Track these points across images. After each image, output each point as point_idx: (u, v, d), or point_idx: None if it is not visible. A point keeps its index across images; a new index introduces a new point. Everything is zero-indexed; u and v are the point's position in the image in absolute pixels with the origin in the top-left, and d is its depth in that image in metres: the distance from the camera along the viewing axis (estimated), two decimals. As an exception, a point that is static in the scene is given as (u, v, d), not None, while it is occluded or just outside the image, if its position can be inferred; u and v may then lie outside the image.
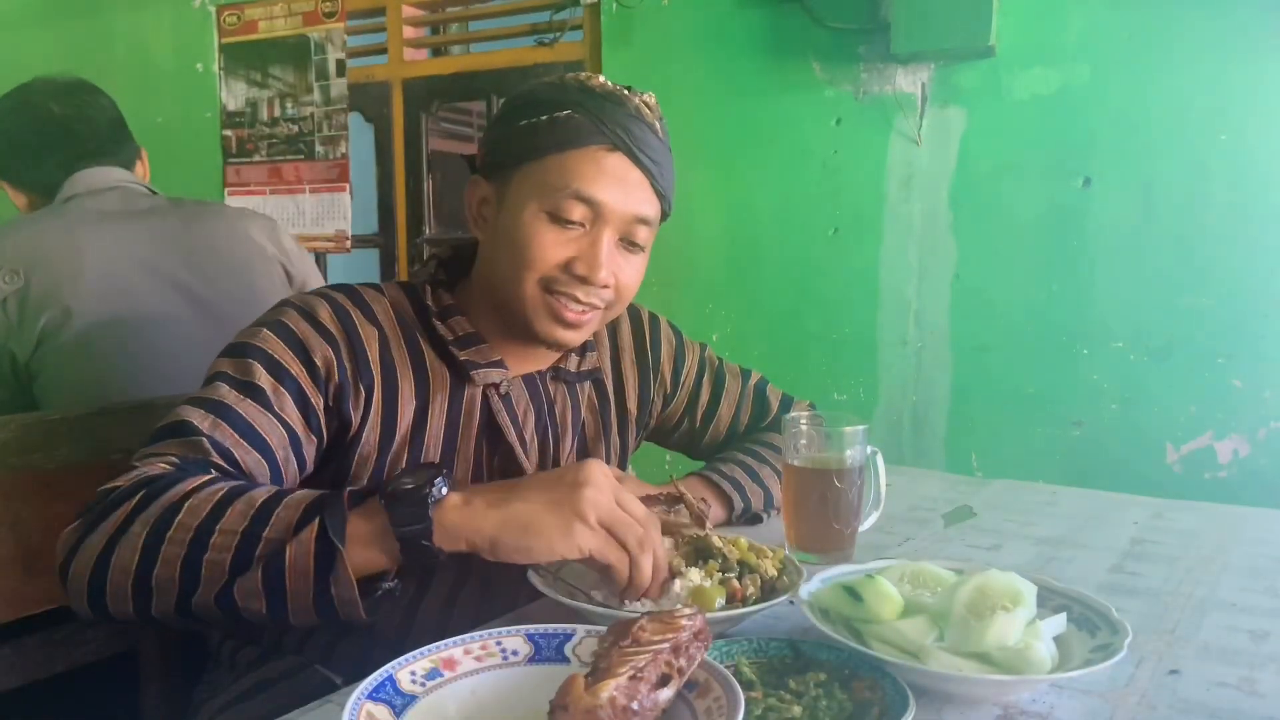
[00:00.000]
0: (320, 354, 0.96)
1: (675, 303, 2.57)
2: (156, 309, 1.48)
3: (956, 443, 2.34)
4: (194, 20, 3.48)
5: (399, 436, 1.01)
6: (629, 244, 1.02)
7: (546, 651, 0.72)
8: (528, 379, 1.10)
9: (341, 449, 0.99)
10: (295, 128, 3.31)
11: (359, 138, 3.29)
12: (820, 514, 1.06)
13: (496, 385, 1.06)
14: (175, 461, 0.87)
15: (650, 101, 1.03)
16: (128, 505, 0.81)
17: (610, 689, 0.58)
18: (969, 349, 2.31)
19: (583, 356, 1.15)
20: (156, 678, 1.26)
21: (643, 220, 1.01)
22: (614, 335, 1.21)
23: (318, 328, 0.98)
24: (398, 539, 0.78)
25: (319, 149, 3.27)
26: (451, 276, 1.10)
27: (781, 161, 2.49)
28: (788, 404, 1.33)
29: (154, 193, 1.63)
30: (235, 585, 0.78)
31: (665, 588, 0.86)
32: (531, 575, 0.88)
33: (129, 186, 1.59)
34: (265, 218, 1.71)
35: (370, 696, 0.63)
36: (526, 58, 2.95)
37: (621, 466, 1.22)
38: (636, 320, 1.24)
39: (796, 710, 0.68)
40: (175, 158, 3.15)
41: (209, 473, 0.86)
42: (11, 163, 1.63)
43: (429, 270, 1.09)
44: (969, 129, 2.27)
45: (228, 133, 3.46)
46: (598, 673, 0.60)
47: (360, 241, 3.31)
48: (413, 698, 0.65)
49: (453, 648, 0.70)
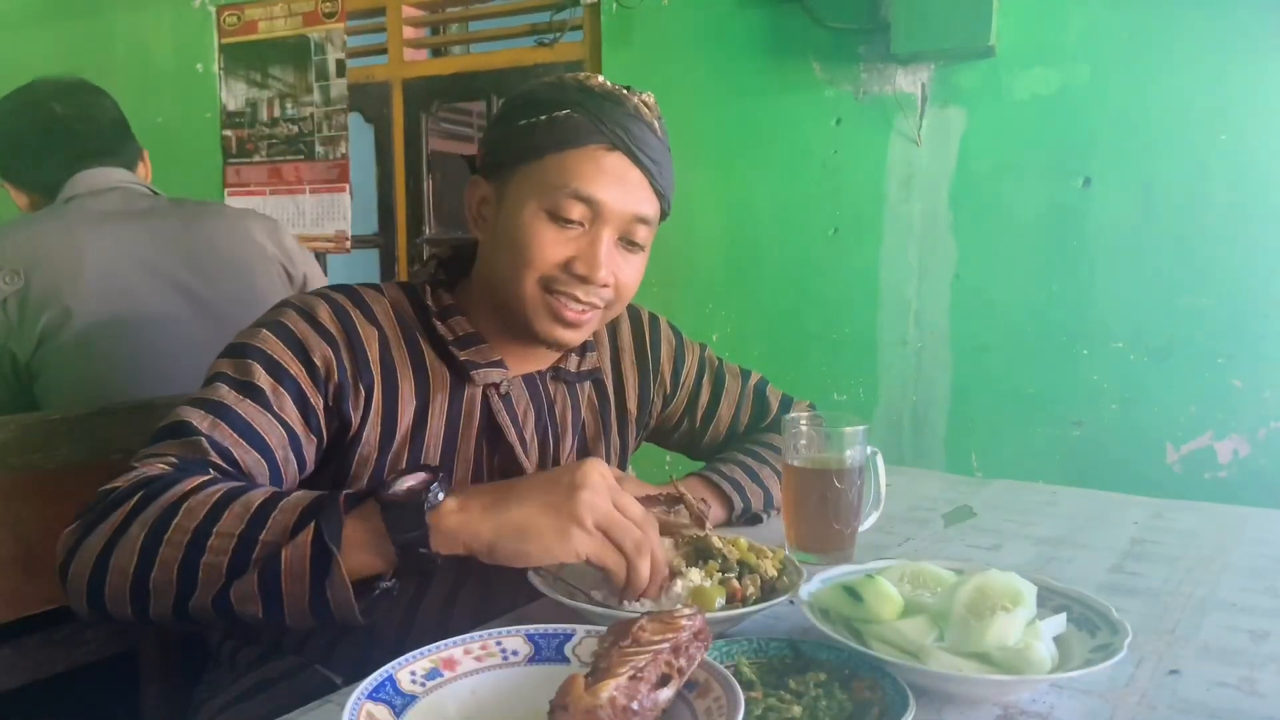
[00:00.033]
0: (319, 354, 0.96)
1: (675, 303, 2.57)
2: (157, 309, 1.48)
3: (956, 443, 2.34)
4: (194, 20, 3.48)
5: (399, 436, 1.01)
6: (628, 243, 1.02)
7: (546, 651, 0.72)
8: (528, 379, 1.10)
9: (341, 449, 0.99)
10: (295, 128, 3.31)
11: (359, 138, 3.29)
12: (820, 514, 1.06)
13: (496, 385, 1.06)
14: (174, 462, 0.87)
15: (649, 101, 1.03)
16: (126, 506, 0.81)
17: (610, 689, 0.58)
18: (969, 349, 2.31)
19: (583, 356, 1.15)
20: (156, 678, 1.26)
21: (642, 219, 1.01)
22: (614, 335, 1.21)
23: (317, 328, 0.98)
24: (394, 545, 0.78)
25: (319, 149, 3.27)
26: (451, 276, 1.10)
27: (781, 161, 2.49)
28: (788, 404, 1.33)
29: (155, 193, 1.63)
30: (232, 589, 0.78)
31: (666, 588, 0.86)
32: (531, 575, 0.88)
33: (130, 187, 1.59)
34: (267, 218, 1.71)
35: (370, 696, 0.63)
36: (526, 58, 2.95)
37: (621, 466, 1.22)
38: (636, 320, 1.24)
39: (796, 710, 0.68)
40: (175, 158, 3.14)
41: (208, 473, 0.86)
42: (14, 162, 1.63)
43: (429, 270, 1.09)
44: (969, 129, 2.27)
45: (228, 133, 3.46)
46: (598, 673, 0.60)
47: (360, 242, 3.31)
48: (413, 698, 0.65)
49: (453, 648, 0.70)
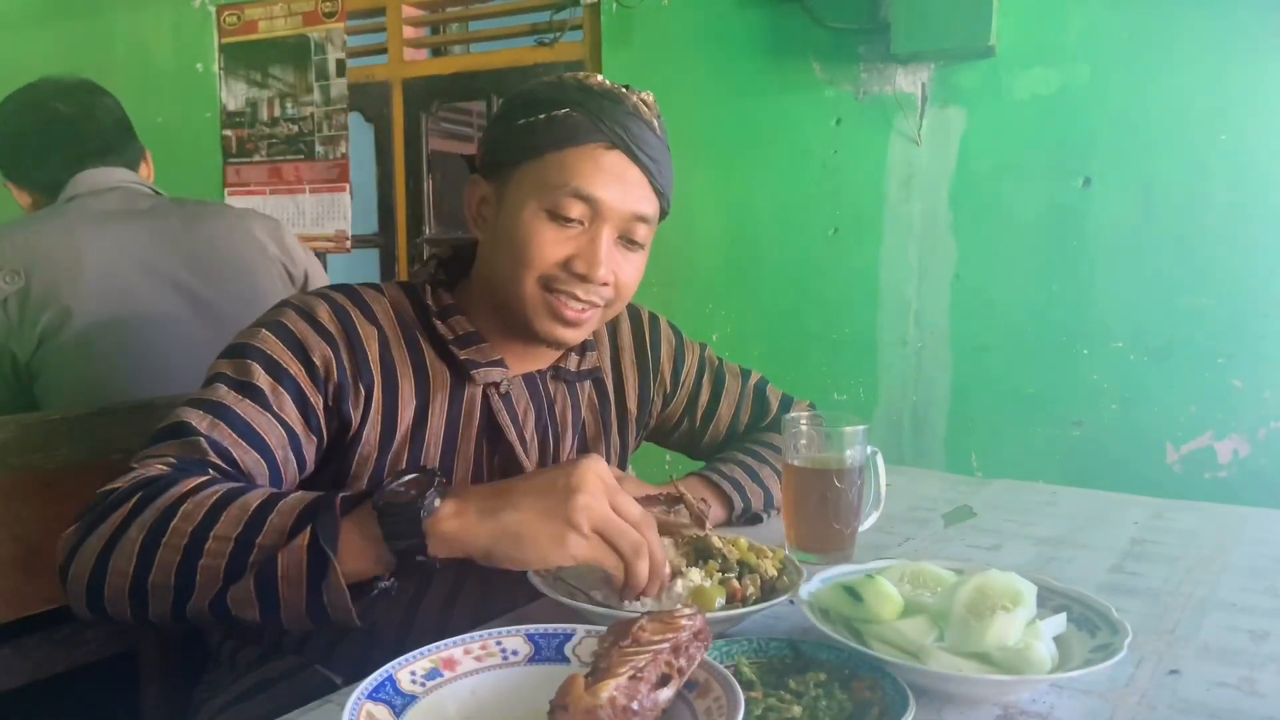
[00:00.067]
0: (319, 354, 0.96)
1: (675, 303, 2.57)
2: (157, 309, 1.48)
3: (956, 443, 2.34)
4: (194, 20, 3.48)
5: (399, 436, 1.01)
6: (628, 242, 1.02)
7: (546, 651, 0.71)
8: (528, 378, 1.10)
9: (342, 449, 0.99)
10: (295, 128, 3.31)
11: (359, 138, 3.29)
12: (820, 514, 1.06)
13: (497, 384, 1.06)
14: (173, 463, 0.87)
15: (648, 99, 1.03)
16: (125, 508, 0.81)
17: (610, 689, 0.58)
18: (969, 349, 2.31)
19: (583, 356, 1.15)
20: (156, 678, 1.26)
21: (641, 218, 1.01)
22: (614, 335, 1.21)
23: (316, 328, 0.98)
24: (390, 551, 0.78)
25: (319, 149, 3.27)
26: (451, 276, 1.10)
27: (781, 161, 2.49)
28: (788, 404, 1.33)
29: (157, 193, 1.63)
30: (229, 592, 0.78)
31: (666, 588, 0.86)
32: (532, 575, 0.88)
33: (131, 186, 1.59)
34: (268, 217, 1.71)
35: (370, 696, 0.63)
36: (526, 58, 2.95)
37: (621, 466, 1.22)
38: (636, 320, 1.24)
39: (796, 710, 0.68)
40: (175, 158, 3.14)
41: (207, 474, 0.86)
42: (16, 162, 1.63)
43: (429, 270, 1.09)
44: (969, 129, 2.27)
45: (228, 133, 3.46)
46: (598, 673, 0.60)
47: (360, 241, 3.31)
48: (413, 698, 0.65)
49: (453, 648, 0.70)
